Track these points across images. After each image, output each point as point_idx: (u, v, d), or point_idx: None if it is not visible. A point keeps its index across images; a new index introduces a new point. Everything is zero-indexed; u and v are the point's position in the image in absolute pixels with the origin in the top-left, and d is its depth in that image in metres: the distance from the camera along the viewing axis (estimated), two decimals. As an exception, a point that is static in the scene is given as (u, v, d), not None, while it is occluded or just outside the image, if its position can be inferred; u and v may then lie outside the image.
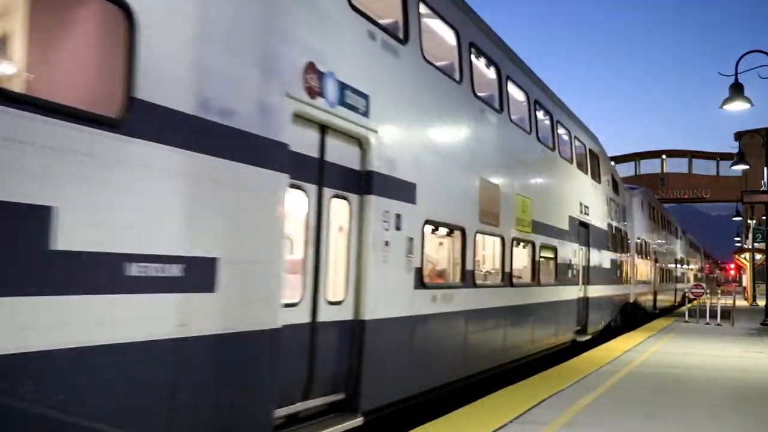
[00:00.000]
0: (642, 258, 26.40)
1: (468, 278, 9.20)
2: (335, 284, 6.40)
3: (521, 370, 11.59)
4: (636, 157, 60.65)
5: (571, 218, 14.82)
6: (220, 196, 4.75)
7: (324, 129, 6.16)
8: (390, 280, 7.11)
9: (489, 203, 9.96)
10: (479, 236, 9.67)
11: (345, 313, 6.46)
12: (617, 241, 20.59)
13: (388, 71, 7.27)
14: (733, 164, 24.34)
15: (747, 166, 24.21)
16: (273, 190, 5.28)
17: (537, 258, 12.29)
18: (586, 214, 16.32)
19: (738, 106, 16.60)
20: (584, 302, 15.99)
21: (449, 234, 9.02)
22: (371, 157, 6.74)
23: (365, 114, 6.65)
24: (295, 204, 5.83)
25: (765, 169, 26.08)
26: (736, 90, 16.51)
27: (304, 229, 5.96)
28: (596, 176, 17.88)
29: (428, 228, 8.13)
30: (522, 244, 11.64)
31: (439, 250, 9.29)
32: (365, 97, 6.65)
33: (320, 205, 6.11)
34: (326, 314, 6.14)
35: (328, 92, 6.04)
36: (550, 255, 13.31)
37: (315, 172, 6.06)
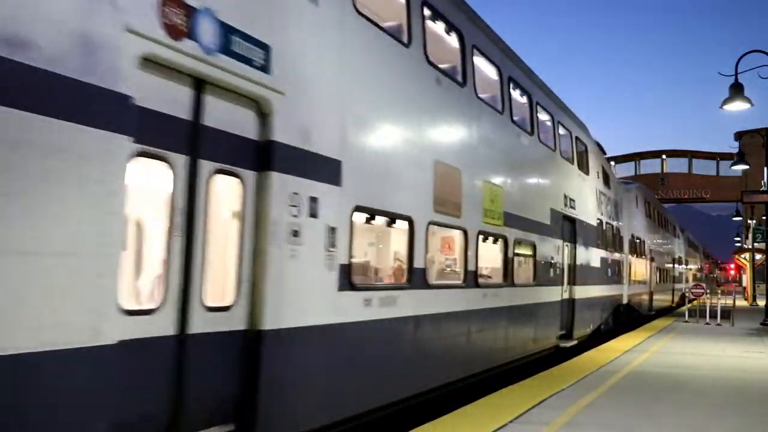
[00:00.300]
0: (637, 257, 25.27)
1: (417, 278, 7.86)
2: (221, 285, 5.15)
3: (521, 370, 11.59)
4: (636, 157, 60.75)
5: (553, 211, 13.55)
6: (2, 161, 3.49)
7: (200, 84, 4.86)
8: (302, 279, 5.78)
9: (447, 190, 8.64)
10: (433, 228, 8.37)
11: (233, 323, 5.15)
12: (608, 238, 19.31)
13: (301, 19, 5.95)
14: (733, 164, 24.36)
15: (747, 166, 24.23)
16: (103, 156, 3.92)
17: (510, 255, 10.96)
18: (572, 207, 15.12)
19: (738, 106, 16.62)
20: (569, 304, 14.68)
21: (391, 224, 7.64)
22: (274, 124, 5.41)
23: (265, 69, 5.34)
24: (154, 179, 4.62)
25: (765, 169, 26.09)
26: (736, 90, 16.52)
27: (169, 212, 4.65)
28: (584, 167, 16.68)
29: (360, 216, 6.84)
30: (491, 238, 10.31)
31: (377, 245, 8.11)
32: (265, 48, 5.34)
33: (194, 181, 4.81)
34: (203, 323, 4.82)
35: (203, 35, 4.71)
36: (528, 252, 12.03)
37: (185, 139, 4.74)
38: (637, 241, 25.62)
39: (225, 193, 5.16)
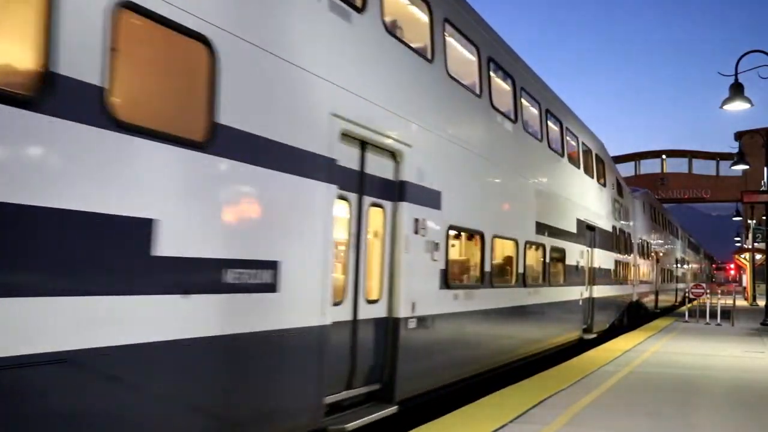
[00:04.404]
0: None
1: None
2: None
3: (522, 369, 11.59)
4: (636, 157, 60.82)
5: None
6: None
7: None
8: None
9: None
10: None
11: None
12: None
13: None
14: (733, 164, 24.35)
15: (747, 166, 24.21)
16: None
17: None
18: None
19: (738, 106, 16.62)
20: None
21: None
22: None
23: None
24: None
25: (765, 169, 26.08)
26: (736, 90, 16.53)
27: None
28: None
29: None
30: None
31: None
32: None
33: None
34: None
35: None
36: None
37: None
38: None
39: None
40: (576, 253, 15.47)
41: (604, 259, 18.59)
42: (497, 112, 10.74)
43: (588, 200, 17.10)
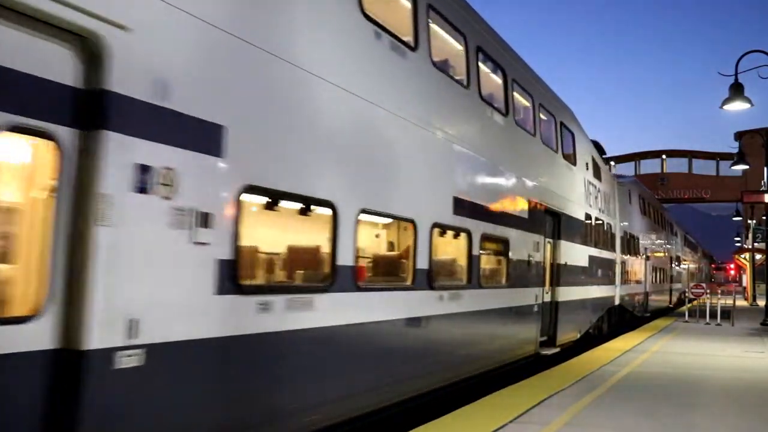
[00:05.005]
0: None
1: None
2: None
3: (524, 369, 11.57)
4: (636, 157, 60.89)
5: None
6: None
7: None
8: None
9: None
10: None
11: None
12: None
13: None
14: (733, 164, 24.35)
15: (747, 166, 24.21)
16: None
17: None
18: None
19: (738, 106, 16.62)
20: None
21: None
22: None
23: None
24: None
25: (765, 169, 26.09)
26: (736, 90, 16.53)
27: None
28: None
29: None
30: None
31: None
32: None
33: None
34: None
35: None
36: None
37: None
38: None
39: None
40: (528, 245, 11.86)
41: (573, 253, 14.95)
42: (375, 26, 7.10)
43: (548, 178, 13.33)
